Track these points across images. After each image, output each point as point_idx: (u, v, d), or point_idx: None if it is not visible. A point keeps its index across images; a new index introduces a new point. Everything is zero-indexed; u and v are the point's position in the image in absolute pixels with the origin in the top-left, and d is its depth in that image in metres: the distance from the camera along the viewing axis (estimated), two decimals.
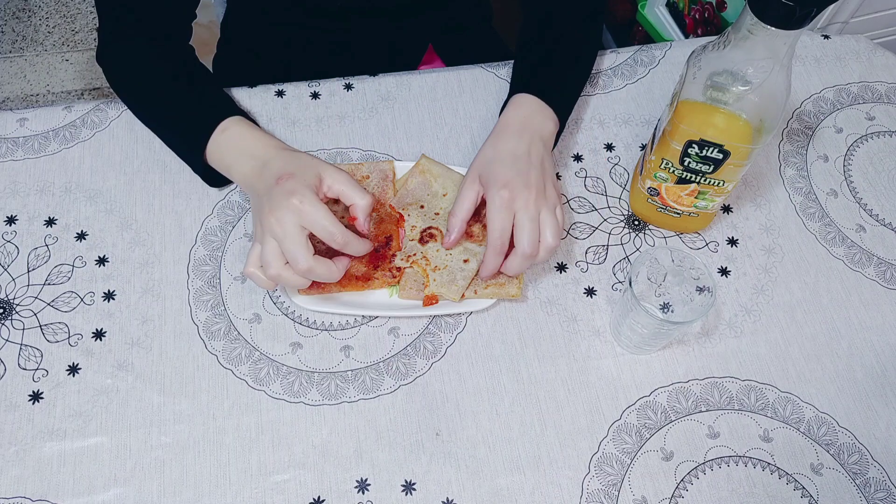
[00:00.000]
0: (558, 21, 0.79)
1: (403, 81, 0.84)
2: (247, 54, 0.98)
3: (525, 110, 0.72)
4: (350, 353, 0.69)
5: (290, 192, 0.60)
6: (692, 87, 0.63)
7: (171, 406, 0.65)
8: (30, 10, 1.90)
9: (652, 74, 0.87)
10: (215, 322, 0.69)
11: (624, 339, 0.69)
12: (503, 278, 0.69)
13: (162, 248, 0.73)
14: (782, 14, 0.53)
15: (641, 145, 0.82)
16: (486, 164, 0.68)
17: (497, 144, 0.69)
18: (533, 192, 0.65)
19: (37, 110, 0.80)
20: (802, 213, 0.79)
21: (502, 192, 0.65)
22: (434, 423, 0.66)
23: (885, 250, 0.77)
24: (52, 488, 0.62)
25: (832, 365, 0.70)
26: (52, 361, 0.67)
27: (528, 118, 0.71)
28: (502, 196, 0.64)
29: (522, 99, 0.72)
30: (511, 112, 0.72)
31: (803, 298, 0.74)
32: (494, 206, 0.65)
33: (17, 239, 0.73)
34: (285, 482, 0.63)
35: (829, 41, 0.91)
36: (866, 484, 0.65)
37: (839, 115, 0.86)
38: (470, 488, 0.63)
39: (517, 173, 0.66)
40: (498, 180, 0.65)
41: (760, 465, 0.66)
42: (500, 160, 0.67)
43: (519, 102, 0.72)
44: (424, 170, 0.75)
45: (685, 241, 0.77)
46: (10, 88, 1.77)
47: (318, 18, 0.90)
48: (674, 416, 0.67)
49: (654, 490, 0.64)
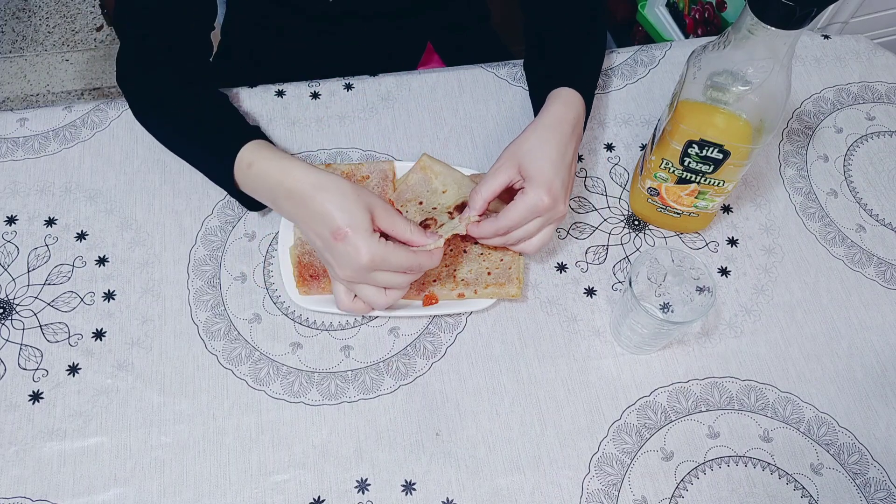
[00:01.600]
0: (566, 19, 0.78)
1: (403, 81, 0.84)
2: (247, 55, 0.98)
3: (576, 112, 0.70)
4: (350, 353, 0.69)
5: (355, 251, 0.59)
6: (692, 87, 0.63)
7: (171, 406, 0.65)
8: (30, 10, 1.90)
9: (652, 74, 0.87)
10: (215, 322, 0.69)
11: (624, 339, 0.69)
12: (503, 278, 0.69)
13: (162, 248, 0.73)
14: (782, 14, 0.53)
15: (641, 145, 0.82)
16: (532, 158, 0.65)
17: (548, 139, 0.66)
18: (564, 209, 0.66)
19: (37, 110, 0.80)
20: (802, 213, 0.79)
21: (545, 197, 0.64)
22: (434, 423, 0.66)
23: (885, 250, 0.77)
24: (52, 488, 0.62)
25: (832, 365, 0.70)
26: (52, 361, 0.67)
27: (578, 122, 0.70)
28: (543, 200, 0.64)
29: (572, 97, 0.70)
30: (564, 109, 0.69)
31: (803, 298, 0.74)
32: (530, 203, 0.64)
33: (17, 239, 0.73)
34: (285, 482, 0.63)
35: (829, 41, 0.91)
36: (866, 484, 0.65)
37: (839, 115, 0.86)
38: (470, 488, 0.63)
39: (562, 184, 0.65)
40: (543, 183, 0.64)
41: (760, 465, 0.66)
42: (548, 159, 0.65)
43: (570, 101, 0.70)
44: (425, 167, 0.75)
45: (685, 241, 0.77)
46: (10, 88, 1.77)
47: (317, 22, 0.91)
48: (674, 416, 0.67)
49: (654, 490, 0.64)
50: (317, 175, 0.62)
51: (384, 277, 0.61)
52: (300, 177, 0.62)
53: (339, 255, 0.60)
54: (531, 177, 0.65)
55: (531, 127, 0.68)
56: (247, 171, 0.65)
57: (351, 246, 0.59)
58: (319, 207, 0.60)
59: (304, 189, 0.61)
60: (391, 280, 0.62)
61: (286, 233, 0.71)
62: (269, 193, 0.65)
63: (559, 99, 0.70)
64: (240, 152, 0.65)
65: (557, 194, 0.64)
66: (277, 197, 0.64)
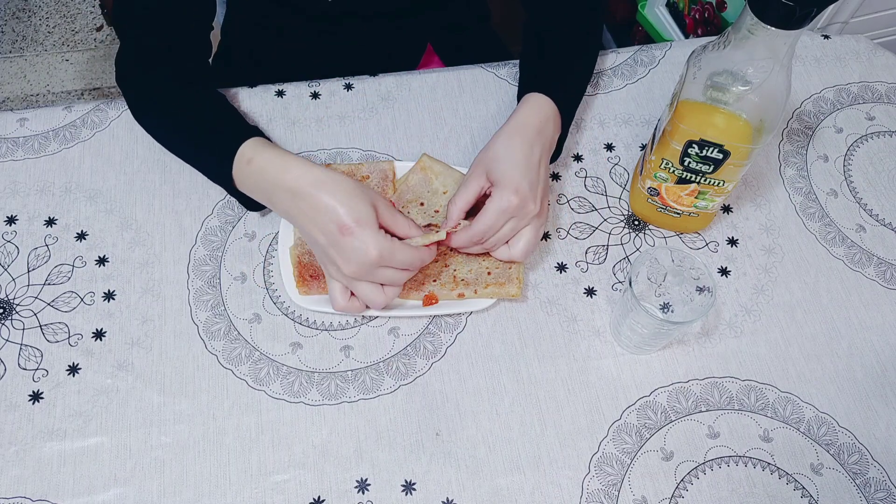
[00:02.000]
0: (565, 20, 0.79)
1: (403, 81, 0.84)
2: (247, 55, 0.98)
3: (542, 115, 0.70)
4: (350, 353, 0.69)
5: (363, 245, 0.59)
6: (692, 87, 0.63)
7: (171, 406, 0.65)
8: (30, 10, 1.90)
9: (652, 74, 0.87)
10: (215, 322, 0.69)
11: (624, 339, 0.69)
12: (503, 278, 0.69)
13: (162, 248, 0.73)
14: (782, 14, 0.53)
15: (641, 145, 0.82)
16: (497, 163, 0.66)
17: (512, 144, 0.67)
18: (535, 208, 0.66)
19: (37, 110, 0.80)
20: (802, 213, 0.79)
21: (512, 197, 0.64)
22: (434, 423, 0.66)
23: (885, 250, 0.77)
24: (52, 488, 0.62)
25: (832, 365, 0.70)
26: (52, 361, 0.67)
27: (544, 124, 0.70)
28: (510, 201, 0.64)
29: (541, 101, 0.71)
30: (529, 113, 0.70)
31: (803, 298, 0.74)
32: (498, 206, 0.65)
33: (17, 239, 0.73)
34: (285, 482, 0.63)
35: (829, 41, 0.91)
36: (866, 484, 0.65)
37: (839, 115, 0.86)
38: (470, 488, 0.63)
39: (529, 184, 0.66)
40: (510, 184, 0.65)
41: (760, 465, 0.66)
42: (514, 163, 0.66)
43: (538, 104, 0.71)
44: (425, 167, 0.75)
45: (685, 241, 0.77)
46: (10, 88, 1.77)
47: (317, 22, 0.91)
48: (674, 416, 0.67)
49: (654, 490, 0.64)
50: (320, 171, 0.62)
51: (387, 274, 0.62)
52: (301, 173, 0.62)
53: (346, 251, 0.60)
54: (497, 180, 0.66)
55: (496, 134, 0.69)
56: (246, 168, 0.65)
57: (359, 241, 0.59)
58: (324, 203, 0.60)
59: (307, 186, 0.61)
60: (393, 277, 0.62)
61: (286, 233, 0.71)
62: (267, 190, 0.64)
63: (527, 104, 0.71)
64: (240, 149, 0.65)
65: (525, 194, 0.65)
66: (277, 193, 0.63)
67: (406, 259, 0.61)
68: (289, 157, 0.64)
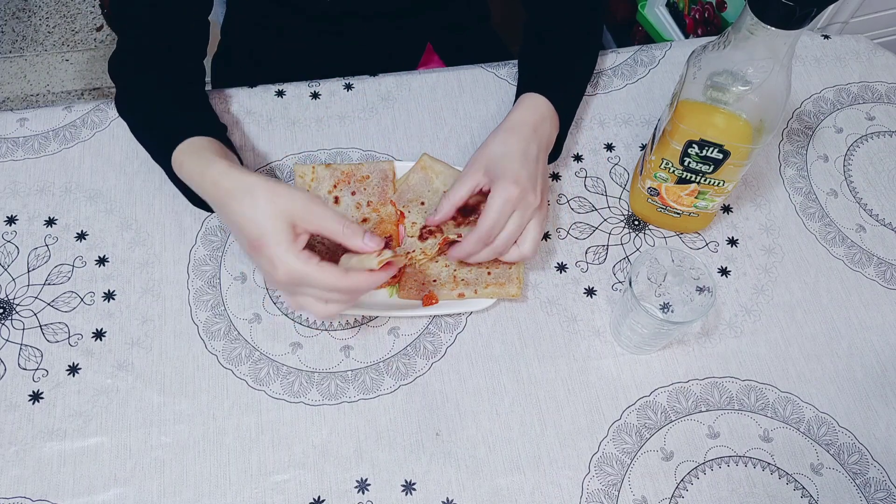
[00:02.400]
0: (565, 20, 0.79)
1: (403, 81, 0.84)
2: (247, 54, 0.98)
3: (537, 114, 0.71)
4: (350, 353, 0.69)
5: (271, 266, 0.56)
6: (692, 87, 0.63)
7: (171, 406, 0.65)
8: (30, 10, 1.90)
9: (652, 74, 0.87)
10: (215, 322, 0.69)
11: (624, 339, 0.69)
12: (503, 278, 0.69)
13: (162, 248, 0.73)
14: (782, 14, 0.53)
15: (641, 145, 0.82)
16: (494, 159, 0.67)
17: (508, 141, 0.68)
18: (536, 199, 0.66)
19: (37, 110, 0.80)
20: (802, 213, 0.79)
21: (512, 188, 0.64)
22: (434, 423, 0.66)
23: (885, 250, 0.77)
24: (52, 488, 0.62)
25: (832, 365, 0.70)
26: (52, 361, 0.67)
27: (539, 123, 0.70)
28: (511, 192, 0.64)
29: (536, 101, 0.71)
30: (524, 112, 0.71)
31: (803, 298, 0.74)
32: (500, 198, 0.64)
33: (17, 239, 0.73)
34: (285, 482, 0.63)
35: (829, 41, 0.91)
36: (866, 484, 0.65)
37: (839, 115, 0.86)
38: (470, 488, 0.63)
39: (528, 175, 0.66)
40: (509, 176, 0.65)
41: (760, 465, 0.66)
42: (511, 157, 0.66)
43: (533, 104, 0.71)
44: (426, 166, 0.75)
45: (685, 241, 0.77)
46: (10, 88, 1.77)
47: (317, 22, 0.91)
48: (674, 416, 0.67)
49: (654, 490, 0.64)
50: (233, 180, 0.59)
51: (315, 293, 0.57)
52: (216, 181, 0.60)
53: (260, 265, 0.58)
54: (496, 175, 0.65)
55: (493, 132, 0.70)
56: (180, 172, 0.64)
57: (265, 259, 0.56)
58: (233, 217, 0.58)
59: (220, 196, 0.60)
60: (323, 297, 0.58)
61: None
62: (201, 194, 0.63)
63: (523, 104, 0.71)
64: (173, 154, 0.64)
65: (525, 184, 0.65)
66: (206, 198, 0.62)
67: (327, 283, 0.56)
68: (207, 162, 0.61)
